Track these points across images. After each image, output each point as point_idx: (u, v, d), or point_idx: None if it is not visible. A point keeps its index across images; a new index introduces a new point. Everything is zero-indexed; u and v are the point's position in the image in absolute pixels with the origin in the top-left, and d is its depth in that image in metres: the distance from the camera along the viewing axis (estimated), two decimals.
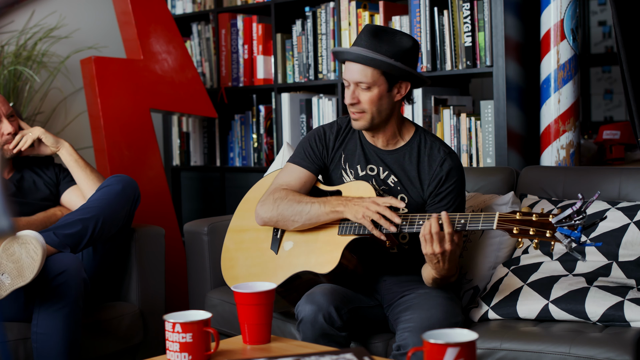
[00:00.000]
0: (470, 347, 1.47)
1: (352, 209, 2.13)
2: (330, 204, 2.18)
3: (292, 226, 2.25)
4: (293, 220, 2.23)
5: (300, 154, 2.35)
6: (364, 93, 2.18)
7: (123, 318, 2.62)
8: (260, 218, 2.31)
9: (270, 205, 2.27)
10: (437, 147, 2.26)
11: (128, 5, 3.38)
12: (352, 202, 2.15)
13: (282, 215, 2.24)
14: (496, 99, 2.92)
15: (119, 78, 3.31)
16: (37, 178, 2.69)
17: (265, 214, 2.28)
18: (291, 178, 2.31)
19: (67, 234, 2.38)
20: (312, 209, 2.19)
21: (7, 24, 3.60)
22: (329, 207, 2.17)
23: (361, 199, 2.14)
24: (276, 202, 2.25)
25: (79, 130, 3.79)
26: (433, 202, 2.23)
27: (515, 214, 1.92)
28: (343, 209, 2.15)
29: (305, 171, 2.32)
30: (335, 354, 1.62)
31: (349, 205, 2.15)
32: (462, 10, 3.00)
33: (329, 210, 2.17)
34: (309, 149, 2.34)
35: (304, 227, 2.24)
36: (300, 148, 2.37)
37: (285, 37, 3.62)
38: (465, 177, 2.28)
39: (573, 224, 1.84)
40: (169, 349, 1.72)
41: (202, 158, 4.00)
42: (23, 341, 2.34)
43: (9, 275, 2.19)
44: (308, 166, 2.32)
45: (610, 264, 2.22)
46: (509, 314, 2.21)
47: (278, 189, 2.29)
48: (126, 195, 2.53)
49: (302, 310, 2.06)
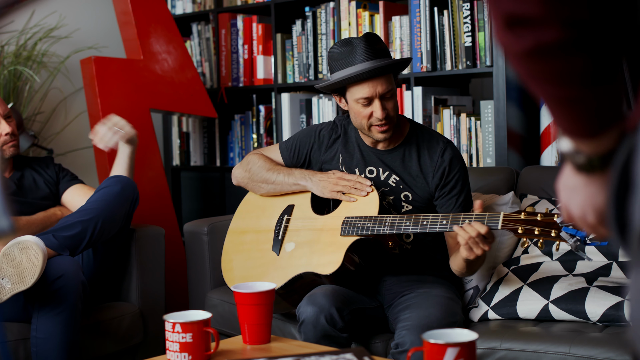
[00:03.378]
0: (470, 347, 1.47)
1: (318, 185, 2.26)
2: (293, 176, 2.32)
3: (259, 191, 2.43)
4: (260, 186, 2.42)
5: (289, 143, 2.45)
6: (389, 102, 2.18)
7: (123, 318, 2.62)
8: (234, 177, 2.50)
9: (245, 166, 2.45)
10: (435, 139, 2.27)
11: (128, 5, 3.38)
12: (317, 177, 2.26)
13: (251, 179, 2.43)
14: (496, 99, 2.92)
15: (119, 78, 3.31)
16: (38, 177, 2.69)
17: (239, 175, 2.48)
18: (271, 156, 2.47)
19: (66, 236, 2.37)
20: (278, 178, 2.35)
21: (7, 24, 3.60)
22: (292, 179, 2.32)
23: (326, 174, 2.26)
24: (249, 165, 2.43)
25: (79, 130, 3.79)
26: (443, 194, 2.22)
27: (520, 214, 1.92)
28: (305, 183, 2.29)
29: (280, 159, 2.45)
30: (335, 354, 1.62)
31: (312, 180, 2.27)
32: (462, 10, 3.00)
33: (292, 182, 2.33)
34: (297, 143, 2.42)
35: (270, 194, 2.41)
36: (292, 138, 2.46)
37: (285, 37, 3.62)
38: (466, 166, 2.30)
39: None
40: (169, 349, 1.72)
41: (202, 158, 4.00)
42: (23, 341, 2.34)
43: (10, 279, 2.18)
44: (285, 157, 2.44)
45: (610, 264, 2.22)
46: (508, 314, 2.21)
47: (257, 153, 2.47)
48: (125, 196, 2.52)
49: (304, 311, 2.06)
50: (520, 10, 0.77)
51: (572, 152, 0.90)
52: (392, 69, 2.19)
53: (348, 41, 2.18)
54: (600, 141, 0.87)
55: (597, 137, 0.86)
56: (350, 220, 2.17)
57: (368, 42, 2.15)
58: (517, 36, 0.79)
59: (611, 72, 0.81)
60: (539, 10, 0.76)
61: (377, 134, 2.21)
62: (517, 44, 0.79)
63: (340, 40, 2.25)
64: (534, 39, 0.78)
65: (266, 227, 2.38)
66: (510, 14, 0.78)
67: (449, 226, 2.01)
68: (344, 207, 2.24)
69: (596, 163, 0.89)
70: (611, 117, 0.85)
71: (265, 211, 2.42)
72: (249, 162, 2.44)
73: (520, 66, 0.82)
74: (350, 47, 2.16)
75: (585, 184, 0.92)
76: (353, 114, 2.23)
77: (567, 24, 0.77)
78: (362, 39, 2.17)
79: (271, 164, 2.41)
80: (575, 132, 0.87)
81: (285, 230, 2.33)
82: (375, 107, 2.16)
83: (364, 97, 2.16)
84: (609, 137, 0.86)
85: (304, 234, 2.27)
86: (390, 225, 2.09)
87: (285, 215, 2.35)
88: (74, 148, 3.75)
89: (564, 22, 0.76)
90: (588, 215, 0.94)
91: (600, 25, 0.78)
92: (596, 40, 0.78)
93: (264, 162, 2.41)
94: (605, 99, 0.83)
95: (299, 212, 2.34)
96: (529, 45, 0.79)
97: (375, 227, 2.11)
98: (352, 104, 2.20)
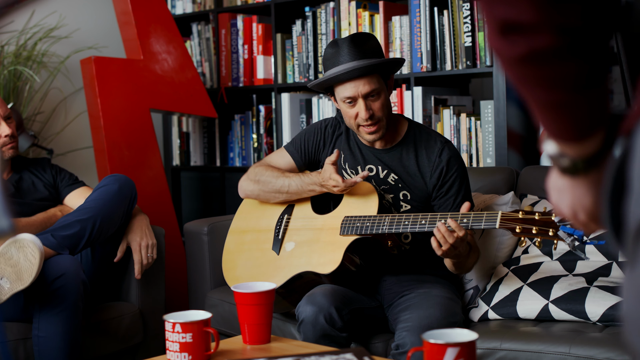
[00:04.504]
0: (470, 347, 1.47)
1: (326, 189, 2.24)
2: (309, 178, 2.28)
3: (273, 200, 2.37)
4: (274, 196, 2.36)
5: (296, 144, 2.42)
6: (375, 102, 2.18)
7: (123, 318, 2.62)
8: (242, 191, 2.44)
9: (253, 178, 2.39)
10: (434, 138, 2.27)
11: (128, 5, 3.38)
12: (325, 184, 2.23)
13: (263, 190, 2.37)
14: (496, 99, 2.92)
15: (119, 78, 3.31)
16: (36, 179, 2.68)
17: (248, 187, 2.41)
18: (279, 163, 2.42)
19: (65, 236, 2.37)
20: (291, 185, 2.31)
21: (7, 24, 3.60)
22: (308, 183, 2.28)
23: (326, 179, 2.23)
24: (257, 176, 2.38)
25: (79, 130, 3.79)
26: (440, 195, 2.22)
27: (518, 213, 1.92)
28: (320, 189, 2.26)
29: (292, 161, 2.41)
30: (335, 354, 1.62)
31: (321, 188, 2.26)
32: (462, 10, 3.00)
33: (308, 188, 2.28)
34: (304, 141, 2.40)
35: (287, 201, 2.36)
36: (298, 138, 2.43)
37: (285, 37, 3.62)
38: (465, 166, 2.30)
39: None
40: (169, 349, 1.72)
41: (202, 158, 4.00)
42: (23, 341, 2.34)
43: (8, 279, 2.18)
44: (296, 158, 2.41)
45: (610, 264, 2.22)
46: (508, 314, 2.21)
47: (262, 164, 2.42)
48: (123, 194, 2.52)
49: (303, 311, 2.06)
50: (514, 17, 0.78)
51: (557, 155, 0.92)
52: (377, 69, 2.17)
53: (335, 42, 2.20)
54: (585, 145, 0.89)
55: (582, 140, 0.88)
56: (350, 219, 2.17)
57: (354, 42, 2.16)
58: (510, 42, 0.80)
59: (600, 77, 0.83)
60: (533, 16, 0.77)
61: (365, 135, 2.23)
62: (510, 50, 0.81)
63: (332, 40, 2.26)
64: (527, 45, 0.79)
65: (266, 226, 2.38)
66: (503, 20, 0.79)
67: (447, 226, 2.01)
68: (343, 207, 2.24)
69: (580, 166, 0.91)
70: (597, 121, 0.87)
71: (265, 211, 2.42)
72: (257, 174, 2.39)
73: (512, 71, 0.84)
74: (337, 47, 2.18)
75: (572, 186, 0.94)
76: (342, 113, 2.26)
77: (560, 30, 0.78)
78: (347, 39, 2.18)
79: (279, 172, 2.35)
80: (562, 135, 0.89)
81: (285, 229, 2.33)
82: (360, 107, 2.17)
83: (346, 97, 2.18)
84: (593, 140, 0.88)
85: (304, 234, 2.27)
86: (389, 225, 2.10)
87: (286, 215, 2.36)
88: (74, 148, 3.75)
89: (557, 29, 0.78)
90: (579, 214, 0.96)
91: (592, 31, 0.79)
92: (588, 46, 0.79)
93: (272, 172, 2.36)
94: (593, 103, 0.84)
95: (299, 212, 2.34)
96: (522, 51, 0.80)
97: (374, 227, 2.12)
98: (339, 103, 2.23)
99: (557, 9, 0.77)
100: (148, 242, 2.60)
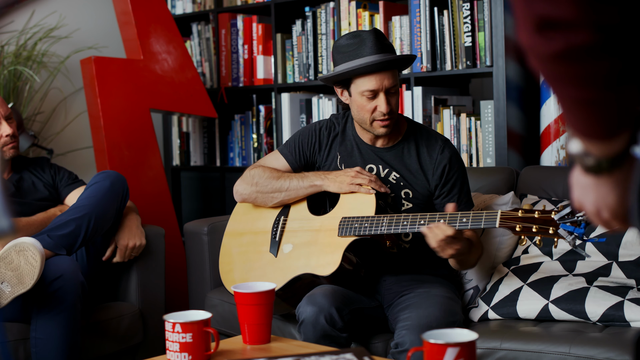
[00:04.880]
0: (470, 347, 1.47)
1: (334, 182, 2.21)
2: (308, 178, 2.26)
3: (270, 202, 2.34)
4: (272, 196, 2.33)
5: (290, 146, 2.40)
6: (393, 97, 2.19)
7: (123, 318, 2.62)
8: (239, 194, 2.41)
9: (249, 181, 2.36)
10: (434, 137, 2.28)
11: (128, 5, 3.38)
12: (332, 174, 2.22)
13: (260, 192, 2.34)
14: (496, 99, 2.92)
15: (119, 78, 3.31)
16: (36, 179, 2.68)
17: (245, 191, 2.38)
18: (274, 165, 2.40)
19: (61, 235, 2.37)
20: (291, 184, 2.28)
21: (7, 24, 3.60)
22: (308, 182, 2.26)
23: (343, 172, 2.22)
24: (254, 179, 2.35)
25: (79, 130, 3.79)
26: (443, 194, 2.23)
27: (518, 212, 1.92)
28: (322, 182, 2.24)
29: (287, 164, 2.39)
30: (335, 354, 1.62)
31: (328, 179, 2.23)
32: (462, 10, 3.00)
33: (308, 184, 2.26)
34: (299, 144, 2.38)
35: (283, 203, 2.33)
36: (292, 140, 2.42)
37: (285, 37, 3.62)
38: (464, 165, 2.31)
39: (576, 220, 1.83)
40: (169, 349, 1.72)
41: (202, 158, 4.00)
42: (23, 341, 2.34)
43: (9, 283, 2.18)
44: (291, 161, 2.39)
45: (610, 264, 2.22)
46: (508, 314, 2.21)
47: (257, 166, 2.39)
48: (115, 191, 2.52)
49: (304, 311, 2.06)
50: (553, 13, 0.78)
51: (581, 154, 0.92)
52: (398, 65, 2.19)
53: (357, 34, 2.19)
54: (610, 144, 0.88)
55: (609, 139, 0.88)
56: (348, 220, 2.17)
57: (377, 35, 2.17)
58: (546, 38, 0.80)
59: (632, 76, 0.83)
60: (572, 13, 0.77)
61: (378, 129, 2.21)
62: (546, 46, 0.81)
63: (349, 32, 2.24)
64: (564, 42, 0.79)
65: (263, 228, 2.38)
66: (542, 16, 0.79)
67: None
68: (340, 208, 2.23)
69: (604, 166, 0.91)
70: (624, 120, 0.87)
71: (261, 212, 2.41)
72: (253, 176, 2.36)
73: (544, 68, 0.83)
74: (359, 39, 2.17)
75: (596, 184, 0.94)
76: (356, 107, 2.22)
77: (597, 27, 0.78)
78: (371, 32, 2.18)
79: (278, 173, 2.33)
80: (589, 133, 0.88)
81: (282, 231, 2.32)
82: (380, 100, 2.16)
83: (370, 90, 2.16)
84: (619, 140, 0.88)
85: (302, 235, 2.27)
86: (388, 225, 2.09)
87: (282, 216, 2.34)
88: (74, 148, 3.75)
89: (595, 26, 0.78)
90: (603, 212, 0.96)
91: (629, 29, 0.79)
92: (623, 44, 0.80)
93: (270, 173, 2.34)
94: (623, 102, 0.84)
95: (296, 213, 2.33)
96: (558, 48, 0.80)
97: (372, 227, 2.11)
98: (356, 96, 2.20)
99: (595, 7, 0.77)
100: (135, 243, 2.61)
